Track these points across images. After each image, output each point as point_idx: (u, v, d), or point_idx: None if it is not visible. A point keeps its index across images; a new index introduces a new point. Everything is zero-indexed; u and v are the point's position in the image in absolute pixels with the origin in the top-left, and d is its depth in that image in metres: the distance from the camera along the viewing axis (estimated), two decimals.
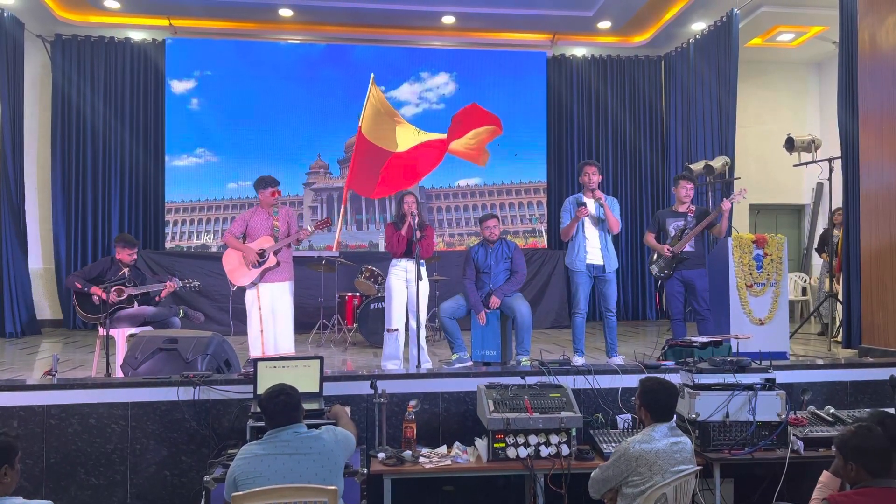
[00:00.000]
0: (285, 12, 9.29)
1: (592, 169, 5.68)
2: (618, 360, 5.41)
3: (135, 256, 5.88)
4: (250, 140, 9.72)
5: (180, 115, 9.61)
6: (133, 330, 5.50)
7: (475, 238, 9.81)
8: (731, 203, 5.70)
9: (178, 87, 9.64)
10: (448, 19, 9.59)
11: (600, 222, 5.67)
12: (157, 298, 5.81)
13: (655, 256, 5.97)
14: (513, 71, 10.25)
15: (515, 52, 10.30)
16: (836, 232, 7.28)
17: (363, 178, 9.91)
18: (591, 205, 5.67)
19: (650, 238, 6.05)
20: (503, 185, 10.23)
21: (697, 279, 5.80)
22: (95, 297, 5.53)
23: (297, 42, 10.01)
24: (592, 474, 3.34)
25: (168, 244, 9.48)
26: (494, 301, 5.59)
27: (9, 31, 8.58)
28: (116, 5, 9.03)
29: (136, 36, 9.72)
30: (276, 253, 5.55)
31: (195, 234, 9.58)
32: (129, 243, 5.84)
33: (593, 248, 5.65)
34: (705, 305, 5.79)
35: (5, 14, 8.55)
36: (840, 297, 6.74)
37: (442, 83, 10.13)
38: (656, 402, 3.26)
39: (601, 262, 5.64)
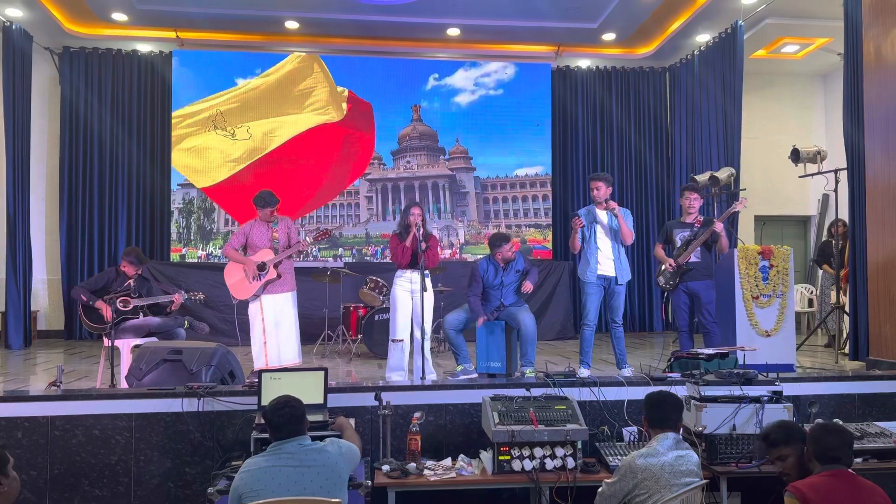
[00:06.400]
0: (291, 24, 9.35)
1: (596, 184, 5.71)
2: (626, 373, 5.38)
3: (139, 272, 5.78)
4: None
5: None
6: (138, 341, 5.49)
7: (534, 230, 10.01)
8: (724, 223, 5.66)
9: None
10: (453, 31, 9.63)
11: (612, 232, 5.65)
12: (168, 310, 5.78)
13: (662, 267, 5.93)
14: (517, 82, 10.28)
15: (520, 63, 10.34)
16: (833, 243, 7.24)
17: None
18: (603, 216, 5.67)
19: (658, 249, 6.04)
20: (547, 176, 10.34)
21: (703, 291, 5.73)
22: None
23: (305, 53, 10.07)
24: (599, 490, 3.32)
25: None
26: (527, 286, 5.54)
27: (17, 44, 8.65)
28: (124, 18, 9.10)
29: (144, 48, 9.79)
30: (276, 265, 5.55)
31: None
32: (138, 260, 5.74)
33: (606, 259, 5.63)
34: (710, 318, 5.71)
35: (14, 27, 8.62)
36: (847, 308, 6.70)
37: (445, 94, 10.19)
38: (655, 411, 3.34)
39: (613, 274, 5.62)
